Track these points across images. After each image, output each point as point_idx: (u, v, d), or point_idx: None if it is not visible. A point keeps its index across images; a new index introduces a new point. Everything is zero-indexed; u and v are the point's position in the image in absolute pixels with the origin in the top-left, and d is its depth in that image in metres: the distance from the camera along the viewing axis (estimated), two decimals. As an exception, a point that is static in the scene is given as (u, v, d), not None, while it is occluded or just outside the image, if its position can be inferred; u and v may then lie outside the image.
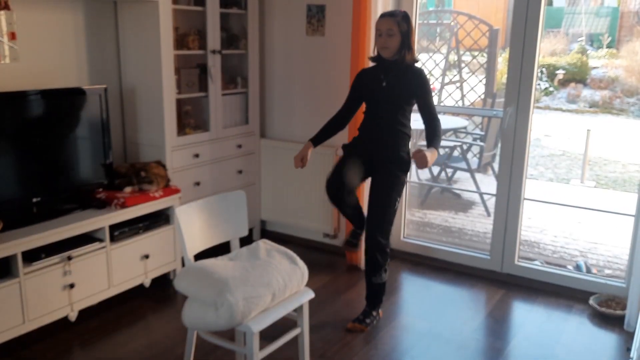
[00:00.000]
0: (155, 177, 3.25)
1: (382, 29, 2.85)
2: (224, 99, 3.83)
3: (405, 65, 2.90)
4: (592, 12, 12.65)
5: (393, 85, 2.92)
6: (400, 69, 2.91)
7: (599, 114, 9.97)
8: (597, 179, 6.92)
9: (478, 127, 6.86)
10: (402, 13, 2.89)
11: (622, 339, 3.01)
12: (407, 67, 2.91)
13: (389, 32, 2.83)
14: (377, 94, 2.96)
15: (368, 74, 3.04)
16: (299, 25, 3.93)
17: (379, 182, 3.00)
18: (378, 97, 2.97)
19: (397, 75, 2.91)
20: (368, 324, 3.06)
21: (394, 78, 2.92)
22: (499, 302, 3.40)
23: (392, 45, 2.85)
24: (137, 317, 3.14)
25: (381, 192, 2.98)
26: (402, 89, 2.91)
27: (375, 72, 2.99)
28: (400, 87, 2.91)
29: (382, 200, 2.97)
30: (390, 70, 2.93)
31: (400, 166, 2.98)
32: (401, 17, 2.86)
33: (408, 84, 2.91)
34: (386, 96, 2.94)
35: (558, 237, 4.80)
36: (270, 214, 4.26)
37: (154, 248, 3.31)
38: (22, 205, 2.89)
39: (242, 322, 2.21)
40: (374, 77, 2.98)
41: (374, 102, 3.00)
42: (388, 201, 2.96)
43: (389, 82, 2.92)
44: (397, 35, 2.84)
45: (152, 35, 3.31)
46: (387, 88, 2.93)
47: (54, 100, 2.99)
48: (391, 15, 2.87)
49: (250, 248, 2.55)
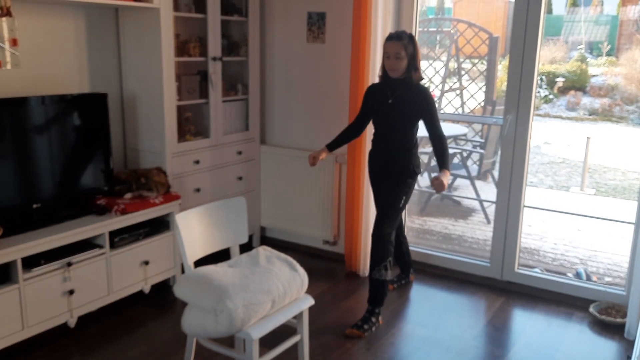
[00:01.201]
0: (156, 185, 3.26)
1: (390, 52, 3.00)
2: (225, 106, 3.84)
3: (411, 84, 3.05)
4: (591, 20, 12.69)
5: (399, 103, 3.07)
6: (407, 87, 3.05)
7: (598, 121, 9.99)
8: (597, 186, 6.93)
9: (478, 135, 6.87)
10: (408, 35, 3.02)
11: (622, 347, 3.00)
12: (413, 87, 3.05)
13: (397, 55, 2.98)
14: (383, 110, 3.12)
15: (376, 90, 3.20)
16: (299, 32, 3.95)
17: (388, 184, 3.18)
18: (384, 114, 3.13)
19: (403, 93, 3.06)
20: (366, 329, 3.06)
21: (400, 96, 3.06)
22: (499, 310, 3.40)
23: (400, 67, 3.01)
24: (137, 323, 3.13)
25: (388, 191, 3.15)
26: (407, 107, 3.07)
27: (383, 89, 3.14)
28: (406, 104, 3.06)
29: (389, 197, 3.14)
30: (396, 88, 3.07)
31: (408, 173, 3.15)
32: (408, 40, 2.99)
33: (413, 103, 3.05)
34: (391, 113, 3.09)
35: (558, 245, 4.80)
36: (270, 221, 4.26)
37: (154, 254, 3.31)
38: (22, 211, 2.89)
39: (241, 329, 2.21)
40: (380, 94, 3.14)
41: (379, 118, 3.18)
42: (391, 199, 3.13)
43: (395, 99, 3.08)
44: (405, 58, 2.99)
45: (153, 42, 3.32)
46: (393, 105, 3.08)
47: (55, 106, 3.00)
48: (398, 38, 2.99)
49: (250, 255, 2.55)
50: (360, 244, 3.77)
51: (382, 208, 3.17)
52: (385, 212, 3.14)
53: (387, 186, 3.17)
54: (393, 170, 3.16)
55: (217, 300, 2.17)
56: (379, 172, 3.25)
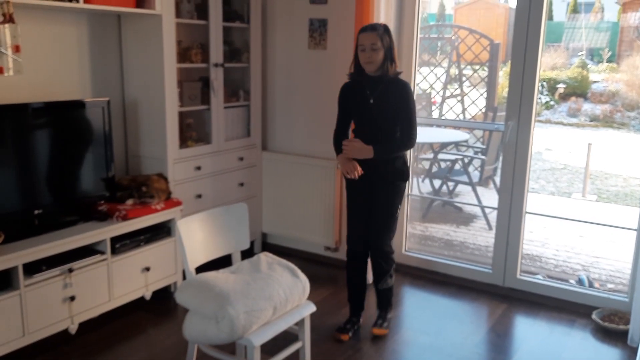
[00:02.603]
0: (157, 192, 3.26)
1: (366, 44, 2.82)
2: (226, 112, 3.84)
3: (389, 79, 2.89)
4: (592, 27, 12.72)
5: (380, 102, 2.89)
6: (386, 84, 2.89)
7: (599, 127, 9.99)
8: (599, 192, 6.92)
9: (479, 141, 6.88)
10: (382, 26, 2.86)
11: (625, 354, 2.99)
12: (392, 81, 2.90)
13: (373, 46, 2.81)
14: (365, 111, 2.94)
15: (352, 90, 2.98)
16: (301, 38, 3.96)
17: (379, 193, 3.01)
18: (366, 115, 2.95)
19: (383, 90, 2.89)
20: (387, 326, 3.16)
21: (381, 94, 2.89)
22: (501, 317, 3.38)
23: (377, 59, 2.83)
24: (138, 330, 3.13)
25: (382, 203, 3.00)
26: (390, 105, 2.89)
27: (361, 89, 2.94)
28: (388, 102, 2.89)
29: (383, 211, 3.01)
30: (376, 86, 2.90)
31: (398, 176, 2.99)
32: (383, 31, 2.83)
33: (394, 99, 2.89)
34: (374, 113, 2.91)
35: (560, 251, 4.79)
36: (271, 227, 4.25)
37: (155, 261, 3.31)
38: (24, 217, 2.88)
39: (243, 336, 2.20)
40: (359, 94, 2.94)
41: (362, 120, 2.99)
42: (389, 211, 3.01)
43: (376, 98, 2.90)
44: (381, 50, 2.82)
45: (155, 49, 3.33)
46: (375, 105, 2.90)
47: (57, 112, 3.00)
48: (373, 29, 2.83)
49: (252, 261, 2.55)
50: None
51: (378, 224, 3.02)
52: (383, 225, 3.01)
53: (380, 196, 2.99)
54: (382, 176, 2.96)
55: (219, 306, 2.17)
56: (366, 178, 2.95)
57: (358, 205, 3.07)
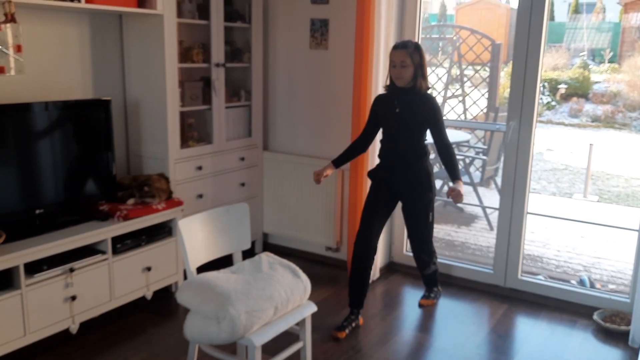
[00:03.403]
0: (158, 192, 3.26)
1: (396, 61, 2.98)
2: (228, 112, 3.84)
3: (417, 92, 3.02)
4: (593, 27, 12.72)
5: (406, 112, 3.05)
6: (413, 96, 3.03)
7: (601, 128, 9.99)
8: (600, 193, 6.91)
9: (480, 141, 6.87)
10: (413, 44, 3.00)
11: (626, 355, 2.98)
12: (419, 94, 3.03)
13: (402, 63, 2.96)
14: (391, 120, 3.09)
15: (383, 100, 3.16)
16: (302, 39, 3.96)
17: (412, 207, 3.23)
18: (392, 123, 3.10)
19: (409, 102, 3.03)
20: (434, 297, 3.53)
21: (407, 105, 3.04)
22: (502, 317, 3.38)
23: (406, 75, 2.98)
24: (139, 330, 3.13)
25: (417, 217, 3.23)
26: (415, 115, 3.04)
27: (390, 99, 3.10)
28: (413, 113, 3.04)
29: (420, 225, 3.25)
30: (403, 97, 3.05)
31: (424, 187, 3.14)
32: (413, 49, 2.97)
33: (420, 111, 3.03)
34: (399, 122, 3.07)
35: (561, 252, 4.78)
36: (272, 227, 4.25)
37: (156, 260, 3.30)
38: (25, 217, 2.88)
39: (244, 336, 2.20)
40: (388, 104, 3.11)
41: (388, 128, 3.15)
42: (424, 224, 3.25)
43: (402, 108, 3.05)
44: (411, 67, 2.97)
45: (157, 49, 3.33)
46: (400, 114, 3.06)
47: (59, 112, 3.00)
48: (404, 47, 2.98)
49: (253, 261, 2.55)
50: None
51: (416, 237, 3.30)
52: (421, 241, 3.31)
53: (411, 208, 3.21)
54: (406, 181, 3.12)
55: (220, 306, 2.16)
56: (391, 185, 3.16)
57: (378, 210, 3.17)
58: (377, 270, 3.88)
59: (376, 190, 3.22)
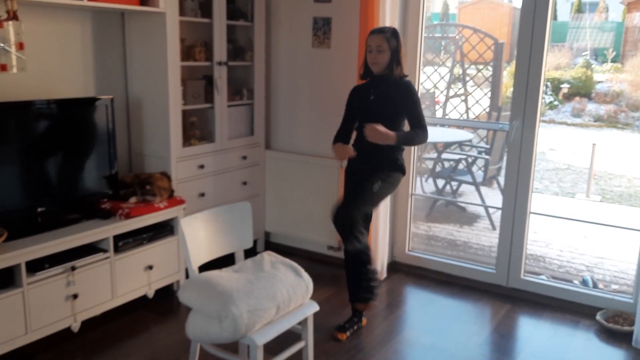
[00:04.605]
0: (160, 190, 3.25)
1: (372, 45, 2.94)
2: (230, 111, 3.83)
3: (393, 79, 2.97)
4: (596, 27, 12.69)
5: (380, 98, 3.00)
6: (389, 83, 2.98)
7: (604, 128, 9.97)
8: (603, 193, 6.90)
9: (483, 140, 6.86)
10: (391, 30, 2.98)
11: (630, 356, 2.97)
12: (394, 81, 2.98)
13: (379, 48, 2.92)
14: (365, 107, 3.04)
15: (359, 90, 3.12)
16: (305, 37, 3.95)
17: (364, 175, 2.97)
18: (366, 111, 3.03)
19: (384, 89, 2.99)
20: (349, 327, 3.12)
21: (381, 91, 3.00)
22: (504, 317, 3.37)
23: (382, 60, 2.94)
24: (140, 328, 3.12)
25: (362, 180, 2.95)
26: (389, 102, 2.98)
27: (365, 88, 3.07)
28: (387, 99, 2.98)
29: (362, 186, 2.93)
30: (378, 84, 3.00)
31: (391, 166, 3.00)
32: (390, 34, 2.94)
33: (395, 97, 2.97)
34: (373, 109, 3.00)
35: (564, 252, 4.77)
36: (274, 226, 4.25)
37: (158, 259, 3.30)
38: (27, 215, 2.88)
39: (246, 335, 2.19)
40: (363, 92, 3.07)
41: (363, 117, 3.04)
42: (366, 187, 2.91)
43: (377, 95, 3.00)
44: (387, 52, 2.92)
45: (159, 47, 3.32)
46: (375, 101, 3.01)
47: (61, 110, 3.00)
48: (381, 31, 2.95)
49: (255, 260, 2.54)
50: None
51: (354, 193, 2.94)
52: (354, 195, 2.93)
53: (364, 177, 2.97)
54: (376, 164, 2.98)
55: (222, 305, 2.16)
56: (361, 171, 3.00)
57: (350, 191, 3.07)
58: (385, 269, 3.86)
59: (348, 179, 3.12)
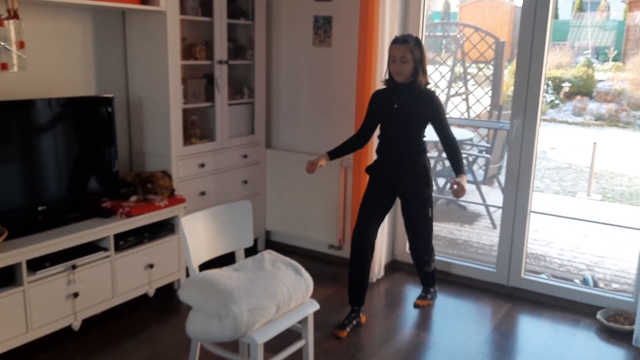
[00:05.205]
0: (160, 189, 3.26)
1: (396, 56, 2.94)
2: (230, 109, 3.83)
3: (417, 88, 2.99)
4: (598, 26, 12.68)
5: (404, 107, 3.01)
6: (412, 92, 2.99)
7: (605, 127, 9.96)
8: (604, 192, 6.89)
9: (484, 139, 6.85)
10: (414, 39, 2.96)
11: (630, 355, 2.97)
12: (419, 90, 2.99)
13: (403, 59, 2.93)
14: (389, 115, 3.06)
15: (381, 96, 3.12)
16: (305, 36, 3.95)
17: (410, 204, 3.18)
18: (390, 119, 3.07)
19: (408, 97, 3.00)
20: (430, 298, 3.48)
21: (406, 100, 3.01)
22: (505, 316, 3.37)
23: (406, 71, 2.95)
24: (141, 327, 3.12)
25: (416, 213, 3.19)
26: (414, 111, 3.01)
27: (388, 95, 3.07)
28: (412, 109, 3.01)
29: (419, 221, 3.21)
30: (402, 93, 3.01)
31: (422, 182, 3.11)
32: (414, 44, 2.94)
33: (419, 106, 3.00)
34: (398, 118, 3.03)
35: (565, 251, 4.77)
36: (275, 225, 4.25)
37: (159, 258, 3.30)
38: (28, 214, 2.88)
39: (246, 334, 2.20)
40: (386, 99, 3.07)
41: (386, 124, 3.11)
42: (424, 220, 3.20)
43: (401, 104, 3.02)
44: (411, 62, 2.93)
45: (160, 46, 3.32)
46: (399, 110, 3.02)
47: (61, 109, 3.00)
48: (404, 41, 2.94)
49: (255, 259, 2.54)
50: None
51: (415, 234, 3.25)
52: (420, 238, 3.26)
53: (409, 205, 3.16)
54: (403, 177, 3.09)
55: (222, 304, 2.16)
56: (389, 181, 3.14)
57: (375, 205, 3.15)
58: (382, 268, 3.87)
59: (374, 187, 3.19)
